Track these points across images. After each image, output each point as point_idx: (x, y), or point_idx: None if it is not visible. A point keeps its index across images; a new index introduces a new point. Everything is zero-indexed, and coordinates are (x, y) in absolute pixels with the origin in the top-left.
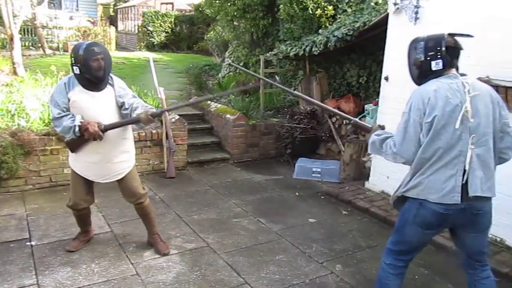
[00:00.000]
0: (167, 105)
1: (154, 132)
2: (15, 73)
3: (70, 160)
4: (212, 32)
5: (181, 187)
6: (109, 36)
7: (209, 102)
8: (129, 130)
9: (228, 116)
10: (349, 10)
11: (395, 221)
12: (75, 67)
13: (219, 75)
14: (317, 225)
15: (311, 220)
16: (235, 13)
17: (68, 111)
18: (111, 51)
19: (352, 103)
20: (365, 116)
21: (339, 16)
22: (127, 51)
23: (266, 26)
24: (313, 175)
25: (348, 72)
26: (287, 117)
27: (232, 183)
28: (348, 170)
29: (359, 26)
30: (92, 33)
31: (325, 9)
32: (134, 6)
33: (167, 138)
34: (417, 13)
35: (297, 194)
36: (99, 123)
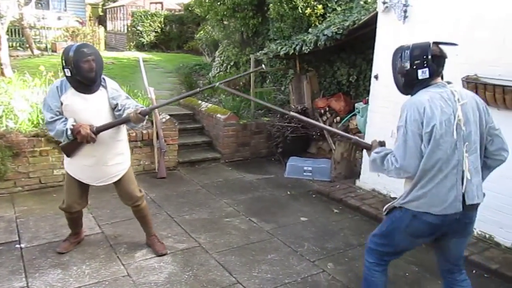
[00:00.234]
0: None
1: (144, 132)
2: (2, 74)
3: (65, 163)
4: (202, 32)
5: (172, 187)
6: (98, 36)
7: (199, 101)
8: (123, 132)
9: (219, 115)
10: (339, 9)
11: None
12: (66, 70)
13: (210, 74)
14: (308, 223)
15: (302, 218)
16: (225, 13)
17: (61, 114)
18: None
19: (343, 101)
20: (355, 115)
21: (328, 15)
22: (116, 51)
23: (256, 25)
24: (304, 174)
25: (338, 71)
26: (278, 116)
27: (224, 183)
28: (339, 168)
29: (348, 25)
30: (80, 33)
31: (315, 8)
32: (123, 5)
33: (157, 138)
34: (406, 12)
35: (288, 193)
36: (91, 125)
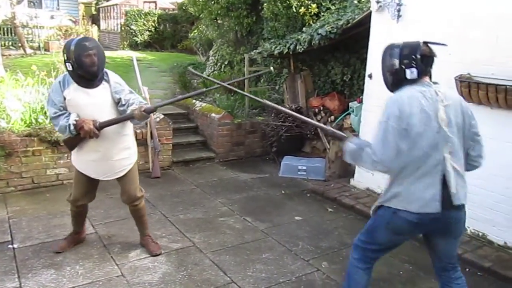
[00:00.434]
0: (151, 104)
1: (138, 131)
2: None
3: (72, 158)
4: (196, 31)
5: (166, 186)
6: (92, 35)
7: (193, 101)
8: (128, 126)
9: (213, 115)
10: (333, 7)
11: None
12: (67, 64)
13: (204, 73)
14: (303, 223)
15: (297, 218)
16: (219, 12)
17: (65, 110)
18: None
19: (337, 100)
20: (349, 114)
21: (322, 14)
22: (110, 50)
23: (250, 24)
24: (298, 173)
25: (332, 70)
26: (272, 115)
27: (218, 182)
28: (333, 167)
29: (342, 24)
30: (74, 32)
31: (309, 7)
32: (117, 4)
33: (151, 138)
34: (399, 11)
35: (283, 192)
36: (94, 120)
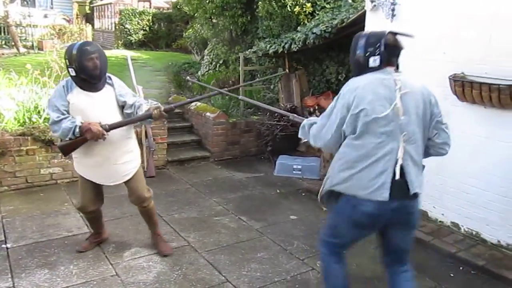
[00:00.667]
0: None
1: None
2: None
3: (75, 165)
4: (190, 30)
5: (161, 186)
6: (86, 35)
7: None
8: (131, 130)
9: (208, 114)
10: (328, 6)
11: None
12: (70, 69)
13: (199, 73)
14: (298, 222)
15: (292, 217)
16: (214, 11)
17: (69, 114)
18: None
19: (332, 99)
20: None
21: (317, 12)
22: (104, 49)
23: (245, 23)
24: (293, 172)
25: (327, 69)
26: (267, 114)
27: (213, 181)
28: (328, 166)
29: (337, 23)
30: (68, 31)
31: (304, 6)
32: (111, 3)
33: (146, 137)
34: (393, 10)
35: (278, 191)
36: (101, 123)
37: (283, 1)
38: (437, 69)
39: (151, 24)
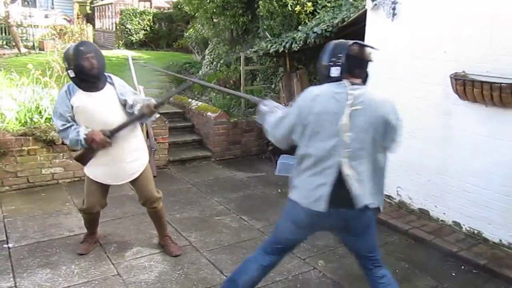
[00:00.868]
0: None
1: None
2: None
3: (84, 167)
4: (191, 30)
5: (162, 185)
6: (87, 35)
7: (189, 100)
8: (137, 127)
9: (209, 114)
10: (328, 5)
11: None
12: (69, 72)
13: (200, 72)
14: None
15: None
16: (214, 10)
17: (73, 119)
18: None
19: None
20: None
21: (318, 11)
22: (105, 49)
23: (245, 23)
24: None
25: None
26: None
27: (214, 181)
28: None
29: (338, 23)
30: (68, 31)
31: (305, 5)
32: (111, 3)
33: (147, 137)
34: (394, 9)
35: (279, 191)
36: (102, 130)
37: (284, 1)
38: (438, 68)
39: (152, 24)
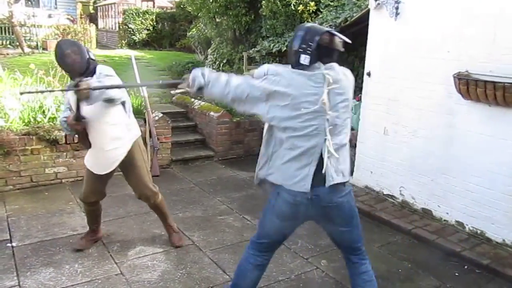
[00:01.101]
0: (150, 104)
1: None
2: None
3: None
4: (194, 29)
5: (165, 185)
6: (90, 34)
7: (192, 99)
8: (116, 115)
9: (212, 113)
10: (332, 4)
11: (379, 216)
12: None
13: None
14: None
15: None
16: (217, 10)
17: (72, 107)
18: (92, 49)
19: None
20: None
21: (321, 11)
22: (108, 49)
23: (248, 22)
24: None
25: None
26: None
27: (217, 181)
28: None
29: (340, 22)
30: (72, 31)
31: (307, 5)
32: (114, 3)
33: (150, 136)
34: (397, 9)
35: None
36: (73, 112)
37: (287, 0)
38: (441, 67)
39: (154, 23)
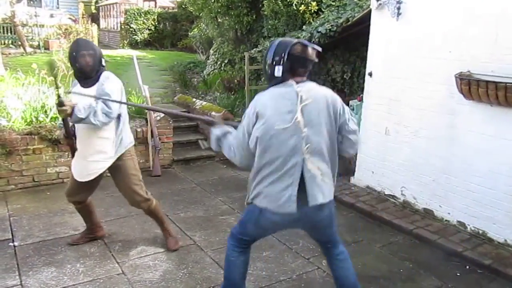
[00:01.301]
0: (151, 103)
1: (139, 130)
2: None
3: None
4: (196, 29)
5: (167, 185)
6: (91, 34)
7: (194, 99)
8: (107, 130)
9: (213, 113)
10: (333, 4)
11: (380, 216)
12: (72, 66)
13: (204, 72)
14: None
15: None
16: (219, 10)
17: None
18: None
19: None
20: None
21: (323, 11)
22: (110, 49)
23: (250, 22)
24: None
25: (332, 68)
26: None
27: (219, 181)
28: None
29: (342, 22)
30: (73, 31)
31: (309, 5)
32: (116, 3)
33: (152, 136)
34: (399, 9)
35: None
36: (60, 99)
37: (288, 0)
38: (443, 67)
39: (156, 23)
